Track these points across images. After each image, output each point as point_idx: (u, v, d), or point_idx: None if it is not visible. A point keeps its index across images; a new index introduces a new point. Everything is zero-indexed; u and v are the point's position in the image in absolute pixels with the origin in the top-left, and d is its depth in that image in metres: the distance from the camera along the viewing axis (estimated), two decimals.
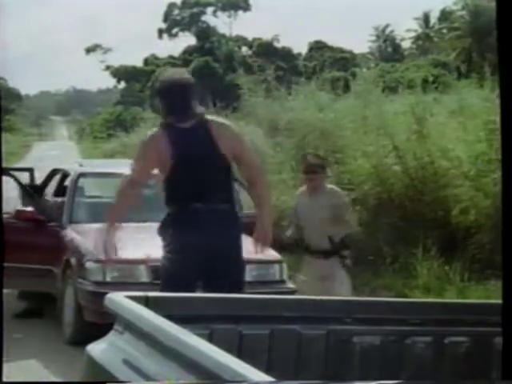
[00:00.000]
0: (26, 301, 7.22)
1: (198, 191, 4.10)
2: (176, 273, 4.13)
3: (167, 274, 4.25)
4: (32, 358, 5.51)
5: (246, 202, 6.57)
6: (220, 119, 4.51)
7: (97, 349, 2.02)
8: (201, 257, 4.12)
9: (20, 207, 7.15)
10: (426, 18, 54.54)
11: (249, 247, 6.36)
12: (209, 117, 4.29)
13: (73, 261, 5.96)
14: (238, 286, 4.25)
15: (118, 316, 2.01)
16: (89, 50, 62.44)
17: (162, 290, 4.02)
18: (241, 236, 4.32)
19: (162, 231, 4.28)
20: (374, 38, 60.99)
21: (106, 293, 2.98)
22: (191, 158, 4.09)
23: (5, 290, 7.63)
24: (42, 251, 6.52)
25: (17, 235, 6.25)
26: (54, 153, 39.69)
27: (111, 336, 2.02)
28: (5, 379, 3.49)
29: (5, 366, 5.20)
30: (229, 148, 4.10)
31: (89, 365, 2.03)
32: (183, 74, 4.41)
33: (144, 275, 5.62)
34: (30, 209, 6.84)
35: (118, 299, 2.01)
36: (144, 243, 5.21)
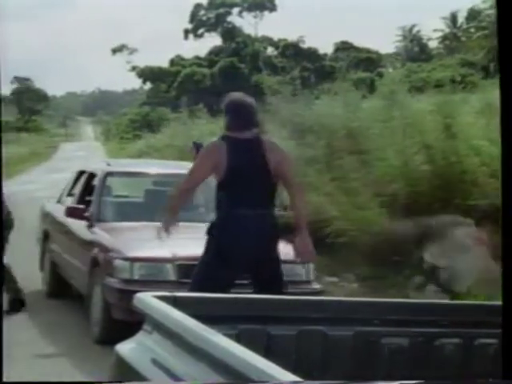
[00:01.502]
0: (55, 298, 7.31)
1: (247, 198, 4.57)
2: (217, 274, 4.52)
3: (207, 270, 4.58)
4: (61, 357, 5.55)
5: None
6: (271, 139, 5.07)
7: (125, 348, 2.03)
8: (250, 259, 4.61)
9: (71, 204, 7.23)
10: (453, 18, 54.13)
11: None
12: (263, 136, 4.89)
13: (100, 259, 6.00)
14: (282, 285, 4.75)
15: (147, 316, 2.01)
16: (115, 51, 62.81)
17: (198, 288, 4.21)
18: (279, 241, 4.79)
19: (212, 232, 4.64)
20: (400, 38, 60.69)
21: (134, 290, 3.00)
22: (245, 167, 4.59)
23: (33, 289, 7.75)
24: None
25: None
26: (80, 153, 40.02)
27: (140, 335, 2.02)
28: (5, 379, 3.51)
29: (32, 364, 5.26)
30: (277, 164, 4.64)
31: (117, 364, 2.04)
32: (246, 97, 4.97)
33: (171, 273, 5.65)
34: (80, 206, 6.92)
35: (147, 299, 2.01)
36: (171, 242, 5.23)
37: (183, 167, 8.30)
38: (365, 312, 1.99)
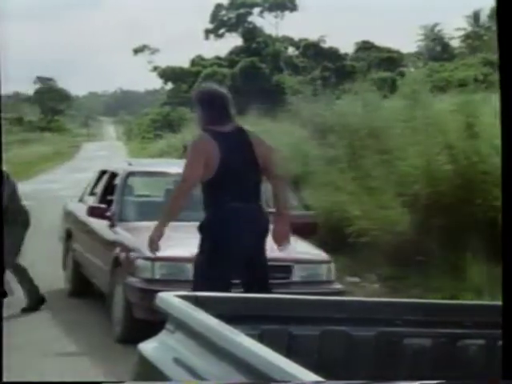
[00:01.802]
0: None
1: (240, 192, 4.54)
2: (220, 267, 4.46)
3: (209, 269, 4.50)
4: (82, 356, 5.58)
5: None
6: (250, 129, 4.99)
7: (148, 347, 2.04)
8: (246, 253, 4.57)
9: (93, 203, 7.28)
10: (476, 16, 53.72)
11: (297, 247, 6.38)
12: (242, 126, 4.82)
13: (122, 258, 6.02)
14: (268, 280, 4.75)
15: (169, 315, 2.02)
16: (136, 51, 63.04)
17: (204, 284, 4.16)
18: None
19: (208, 228, 4.56)
20: (422, 37, 60.32)
21: (156, 290, 3.01)
22: (236, 161, 4.53)
23: (55, 288, 7.81)
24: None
25: None
26: (102, 153, 40.25)
27: (162, 335, 2.03)
28: (5, 379, 3.54)
29: (54, 362, 5.30)
30: (262, 156, 4.64)
31: (140, 363, 2.05)
32: (219, 87, 4.93)
33: (192, 274, 5.65)
34: (102, 206, 6.96)
35: (169, 299, 2.02)
36: (192, 242, 5.24)
37: None
38: (387, 312, 1.98)
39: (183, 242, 5.68)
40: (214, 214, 4.54)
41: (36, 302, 6.95)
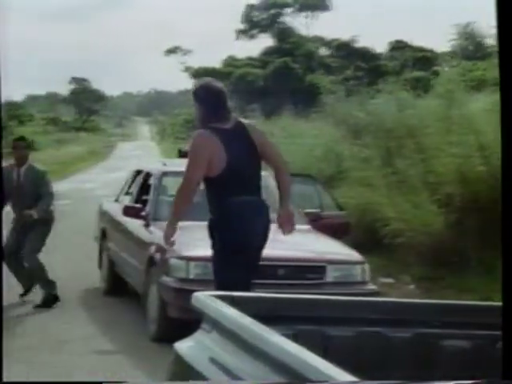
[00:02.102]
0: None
1: (245, 187, 4.59)
2: (237, 265, 4.52)
3: (228, 266, 4.55)
4: (117, 354, 5.63)
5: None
6: (247, 120, 4.94)
7: (184, 346, 2.05)
8: (258, 245, 4.66)
9: (128, 203, 7.35)
10: None
11: (331, 248, 6.36)
12: (240, 119, 4.78)
13: (157, 258, 6.07)
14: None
15: (205, 315, 2.03)
16: (169, 52, 63.37)
17: (226, 282, 4.29)
18: None
19: (220, 225, 4.57)
20: (455, 36, 59.67)
21: (190, 289, 3.03)
22: (240, 158, 4.53)
23: (90, 286, 7.90)
24: None
25: None
26: (136, 152, 40.55)
27: (198, 334, 2.05)
28: (5, 379, 3.57)
29: (90, 360, 5.36)
30: (261, 146, 4.64)
31: (176, 362, 2.07)
32: (216, 82, 4.86)
33: None
34: (137, 205, 7.02)
35: (205, 298, 2.03)
36: None
37: None
38: (425, 314, 1.97)
39: None
40: (223, 211, 4.55)
41: (51, 299, 7.06)
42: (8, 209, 7.21)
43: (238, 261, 4.50)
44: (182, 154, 6.93)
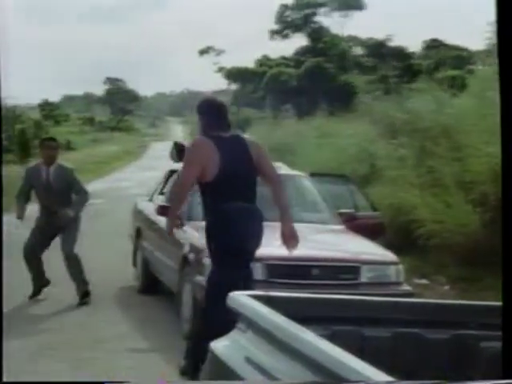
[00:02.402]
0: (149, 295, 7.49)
1: (240, 193, 4.81)
2: (231, 274, 4.71)
3: (222, 270, 4.78)
4: (152, 352, 5.66)
5: None
6: (247, 135, 5.38)
7: (220, 346, 2.06)
8: (252, 249, 4.88)
9: (162, 202, 7.39)
10: None
11: (367, 248, 6.32)
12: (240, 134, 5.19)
13: (191, 257, 6.09)
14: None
15: (241, 315, 2.03)
16: (202, 52, 63.59)
17: (218, 291, 4.34)
18: None
19: (216, 229, 4.80)
20: (490, 34, 58.94)
21: None
22: (235, 164, 4.79)
23: (125, 284, 7.95)
24: None
25: None
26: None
27: (234, 334, 2.05)
28: (5, 379, 3.60)
29: (125, 358, 5.39)
30: (257, 159, 4.90)
31: (212, 361, 2.08)
32: (217, 98, 5.46)
33: (259, 273, 5.66)
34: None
35: (241, 298, 2.04)
36: (263, 242, 5.24)
37: None
38: (462, 315, 1.95)
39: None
40: (217, 216, 4.78)
41: (82, 294, 7.14)
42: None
43: (231, 263, 4.73)
44: (178, 148, 7.02)
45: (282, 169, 8.02)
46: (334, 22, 59.68)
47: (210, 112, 4.99)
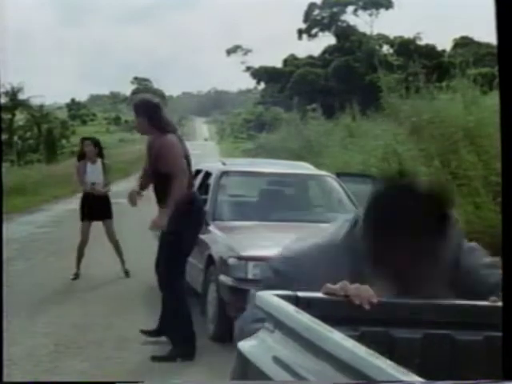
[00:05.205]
0: None
1: (190, 183, 5.69)
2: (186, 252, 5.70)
3: (180, 255, 5.65)
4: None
5: None
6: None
7: (247, 346, 2.03)
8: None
9: None
10: None
11: None
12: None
13: (216, 257, 6.08)
14: None
15: (268, 314, 2.01)
16: (229, 52, 63.84)
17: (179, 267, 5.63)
18: None
19: (178, 216, 5.47)
20: None
21: (248, 289, 3.02)
22: (187, 157, 5.62)
23: (152, 283, 7.96)
24: None
25: None
26: (195, 152, 40.84)
27: (261, 334, 2.02)
28: (5, 379, 3.60)
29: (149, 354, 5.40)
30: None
31: (239, 361, 2.06)
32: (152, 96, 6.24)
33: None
34: None
35: (269, 298, 2.01)
36: (286, 242, 5.24)
37: (298, 167, 8.32)
38: (496, 317, 1.91)
39: (279, 242, 5.67)
40: (179, 205, 5.38)
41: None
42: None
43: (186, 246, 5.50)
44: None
45: (309, 169, 7.98)
46: (362, 21, 59.53)
47: (159, 111, 5.51)
